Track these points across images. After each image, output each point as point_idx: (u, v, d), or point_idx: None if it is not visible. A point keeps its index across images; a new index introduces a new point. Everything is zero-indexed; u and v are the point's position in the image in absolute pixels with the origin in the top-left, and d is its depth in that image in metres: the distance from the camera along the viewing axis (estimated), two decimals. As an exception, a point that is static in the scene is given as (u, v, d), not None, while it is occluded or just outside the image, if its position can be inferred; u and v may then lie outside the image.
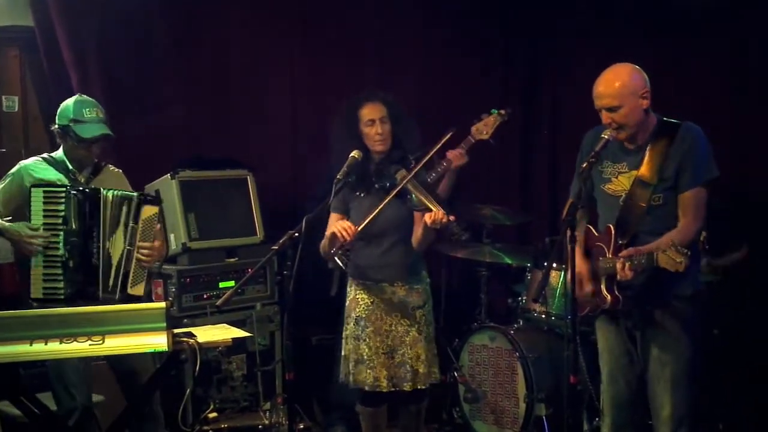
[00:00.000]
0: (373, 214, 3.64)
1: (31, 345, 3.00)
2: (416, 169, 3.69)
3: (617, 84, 3.26)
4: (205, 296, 4.58)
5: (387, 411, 4.03)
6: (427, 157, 3.77)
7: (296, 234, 3.36)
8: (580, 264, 3.37)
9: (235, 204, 4.79)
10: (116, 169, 3.96)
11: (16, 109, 4.80)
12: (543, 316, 4.61)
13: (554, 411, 4.38)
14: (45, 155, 3.80)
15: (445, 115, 5.32)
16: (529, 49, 5.95)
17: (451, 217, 3.50)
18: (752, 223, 4.50)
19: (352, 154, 3.70)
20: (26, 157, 3.84)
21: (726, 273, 4.36)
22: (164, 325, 3.10)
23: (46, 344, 3.01)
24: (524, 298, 4.79)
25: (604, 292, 3.35)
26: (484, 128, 4.43)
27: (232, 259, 4.70)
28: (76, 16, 4.56)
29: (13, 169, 3.76)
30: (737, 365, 4.38)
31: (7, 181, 3.75)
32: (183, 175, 4.57)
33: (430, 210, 3.52)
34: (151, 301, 3.76)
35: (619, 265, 3.21)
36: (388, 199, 3.63)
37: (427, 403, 4.03)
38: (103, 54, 4.65)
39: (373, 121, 3.79)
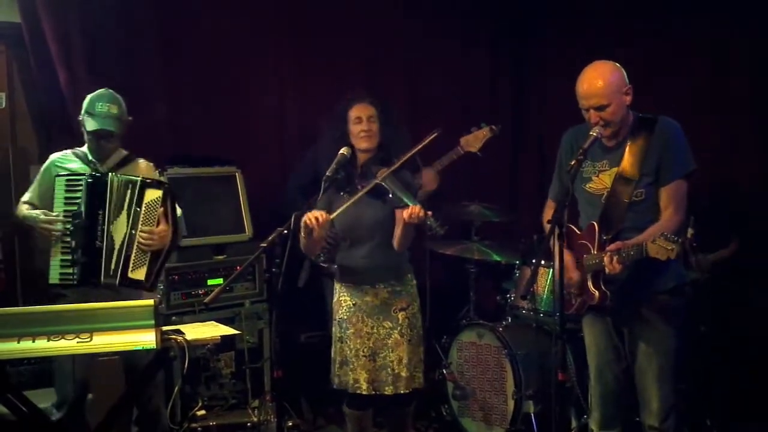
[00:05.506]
0: (348, 203, 3.64)
1: (18, 342, 3.00)
2: (395, 166, 3.71)
3: (601, 83, 3.29)
4: (193, 293, 4.56)
5: (375, 412, 4.03)
6: (408, 155, 3.78)
7: (285, 231, 3.35)
8: (565, 256, 3.35)
9: (224, 201, 4.77)
10: (146, 163, 3.99)
11: (4, 106, 4.77)
12: (531, 313, 4.62)
13: (542, 408, 4.39)
14: (74, 149, 3.89)
15: (432, 114, 5.34)
16: (518, 49, 5.95)
17: (429, 212, 3.50)
18: (740, 219, 4.53)
19: (341, 152, 3.71)
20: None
21: (713, 270, 4.38)
22: (153, 322, 3.10)
23: (33, 342, 3.01)
24: (513, 295, 4.80)
25: (591, 288, 3.38)
26: (473, 141, 4.64)
27: (220, 257, 4.69)
28: (63, 12, 4.53)
29: (45, 164, 3.86)
30: (724, 362, 4.39)
31: (40, 175, 3.85)
32: (171, 172, 4.55)
33: (408, 206, 3.53)
34: (155, 288, 3.76)
35: (606, 259, 3.23)
36: (365, 190, 3.65)
37: (413, 408, 3.98)
38: (90, 51, 4.61)
39: (360, 119, 3.79)
